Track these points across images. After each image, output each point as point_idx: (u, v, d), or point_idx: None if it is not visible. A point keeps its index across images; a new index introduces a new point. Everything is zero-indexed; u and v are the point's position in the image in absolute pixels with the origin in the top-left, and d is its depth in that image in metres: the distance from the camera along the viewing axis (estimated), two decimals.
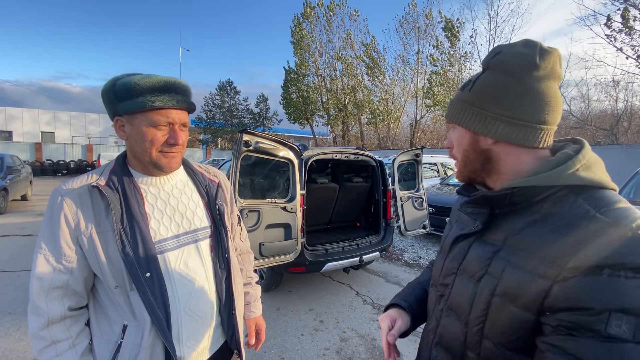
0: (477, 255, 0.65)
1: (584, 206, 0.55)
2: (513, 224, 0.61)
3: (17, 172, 9.38)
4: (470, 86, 0.67)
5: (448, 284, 0.72)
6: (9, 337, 2.83)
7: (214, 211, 1.05)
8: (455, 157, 0.74)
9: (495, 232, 0.64)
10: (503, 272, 0.58)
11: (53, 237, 0.83)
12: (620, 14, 10.73)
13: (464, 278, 0.67)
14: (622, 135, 13.35)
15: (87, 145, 24.92)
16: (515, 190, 0.60)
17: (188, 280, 0.94)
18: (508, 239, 0.60)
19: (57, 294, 0.83)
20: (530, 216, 0.59)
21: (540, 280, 0.52)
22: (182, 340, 0.91)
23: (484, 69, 0.67)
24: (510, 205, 0.62)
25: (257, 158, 2.99)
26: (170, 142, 0.89)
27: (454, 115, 0.71)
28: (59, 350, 0.82)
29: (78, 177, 0.91)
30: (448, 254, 0.75)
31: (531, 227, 0.58)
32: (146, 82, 0.84)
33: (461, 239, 0.71)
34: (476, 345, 0.63)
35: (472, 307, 0.63)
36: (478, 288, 0.62)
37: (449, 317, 0.70)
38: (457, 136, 0.71)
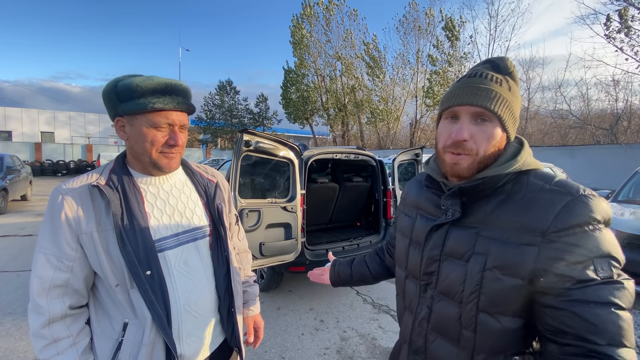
0: (459, 239, 0.72)
1: (537, 182, 0.67)
2: (484, 207, 0.70)
3: (16, 172, 9.38)
4: (507, 86, 0.71)
5: (433, 272, 0.77)
6: (9, 337, 2.83)
7: (212, 210, 1.06)
8: (469, 151, 0.70)
9: (470, 217, 0.72)
10: (489, 248, 0.67)
11: (54, 236, 0.83)
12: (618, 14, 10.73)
13: (451, 262, 0.73)
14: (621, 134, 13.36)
15: (87, 145, 24.93)
16: (486, 179, 0.69)
17: (188, 278, 0.95)
18: (485, 220, 0.69)
19: (57, 293, 0.83)
20: (496, 198, 0.69)
21: (527, 248, 0.62)
22: (182, 338, 0.92)
23: (505, 73, 0.72)
24: (477, 193, 0.71)
25: (257, 158, 2.99)
26: (170, 143, 0.90)
27: (501, 108, 0.69)
28: (59, 348, 0.82)
29: (78, 176, 0.91)
30: (425, 244, 0.79)
31: (501, 207, 0.68)
32: (148, 84, 0.85)
33: (436, 228, 0.77)
34: (471, 320, 0.68)
35: (465, 285, 0.69)
36: (468, 267, 0.69)
37: (441, 302, 0.75)
38: (492, 131, 0.70)
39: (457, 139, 0.70)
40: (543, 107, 19.48)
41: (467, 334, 0.69)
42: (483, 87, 0.69)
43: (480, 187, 0.70)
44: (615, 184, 5.18)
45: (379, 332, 3.06)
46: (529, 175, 0.69)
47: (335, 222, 4.69)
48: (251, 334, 1.26)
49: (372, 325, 3.18)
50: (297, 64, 24.22)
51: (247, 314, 1.25)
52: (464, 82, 0.73)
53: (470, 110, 0.70)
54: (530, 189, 0.66)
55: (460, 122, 0.71)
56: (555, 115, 17.65)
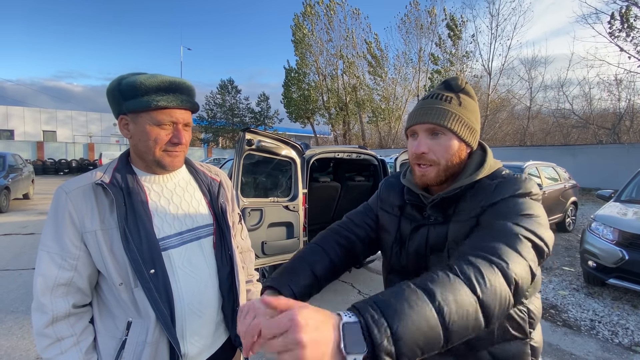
0: (438, 234, 0.84)
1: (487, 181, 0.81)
2: (452, 205, 0.83)
3: (19, 170, 9.40)
4: (457, 102, 0.82)
5: (422, 266, 0.87)
6: (11, 336, 2.83)
7: (216, 209, 1.05)
8: (432, 162, 0.82)
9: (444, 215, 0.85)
10: (448, 229, 0.81)
11: (57, 234, 0.83)
12: (620, 14, 10.68)
13: (437, 256, 0.84)
14: (624, 134, 13.31)
15: (89, 144, 25.00)
16: (461, 188, 0.81)
17: (192, 277, 0.95)
18: (451, 214, 0.83)
19: (61, 291, 0.83)
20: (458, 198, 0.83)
21: (471, 220, 0.77)
22: (186, 337, 0.92)
23: (457, 90, 0.84)
24: (452, 198, 0.83)
25: (259, 157, 2.99)
26: (173, 141, 0.90)
27: (451, 123, 0.80)
28: (63, 347, 0.82)
29: (82, 175, 0.91)
30: (409, 241, 0.90)
31: (461, 202, 0.82)
32: (151, 82, 0.85)
33: (417, 228, 0.88)
34: None
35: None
36: (445, 255, 0.81)
37: None
38: (447, 143, 0.81)
39: (416, 152, 0.83)
40: (545, 107, 19.44)
41: None
42: (434, 107, 0.82)
43: (456, 194, 0.82)
44: (618, 183, 5.16)
45: None
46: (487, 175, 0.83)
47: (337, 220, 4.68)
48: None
49: None
50: (298, 62, 24.21)
51: None
52: (419, 105, 0.86)
53: (424, 128, 0.82)
54: (482, 185, 0.81)
55: (419, 138, 0.84)
56: (558, 114, 17.60)
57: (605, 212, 4.11)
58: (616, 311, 3.45)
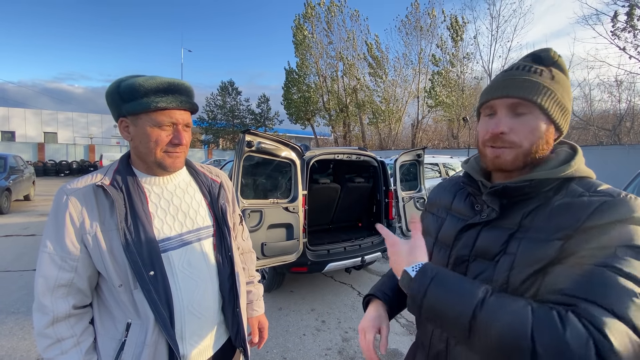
0: (490, 240, 0.69)
1: (579, 189, 0.64)
2: (522, 210, 0.67)
3: (20, 172, 9.41)
4: (549, 75, 0.67)
5: (462, 273, 0.73)
6: (12, 337, 2.84)
7: (216, 210, 1.06)
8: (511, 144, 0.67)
9: (505, 219, 0.69)
10: (518, 248, 0.64)
11: (58, 236, 0.84)
12: (626, 12, 10.68)
13: (479, 263, 0.70)
14: (624, 135, 13.30)
15: (90, 146, 25.03)
16: (533, 182, 0.66)
17: (191, 279, 0.95)
18: (520, 222, 0.66)
19: (62, 292, 0.84)
20: (536, 203, 0.66)
21: (554, 243, 0.60)
22: (185, 338, 0.92)
23: (548, 64, 0.69)
24: (520, 195, 0.68)
25: (259, 158, 3.00)
26: (174, 142, 0.91)
27: (541, 97, 0.65)
28: (63, 348, 0.83)
29: (82, 177, 0.91)
30: (454, 244, 0.76)
31: (537, 210, 0.65)
32: (150, 83, 0.85)
33: (467, 228, 0.75)
34: None
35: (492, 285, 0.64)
36: (496, 267, 0.66)
37: None
38: (534, 122, 0.66)
39: (495, 131, 0.68)
40: None
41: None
42: (520, 78, 0.67)
43: (526, 189, 0.66)
44: (618, 185, 5.14)
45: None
46: (573, 182, 0.66)
47: (337, 222, 4.69)
48: (256, 334, 1.26)
49: None
50: (298, 64, 24.23)
51: (251, 314, 1.26)
52: (500, 76, 0.71)
53: (506, 103, 0.67)
54: (569, 194, 0.64)
55: (498, 116, 0.69)
56: None
57: None
58: None
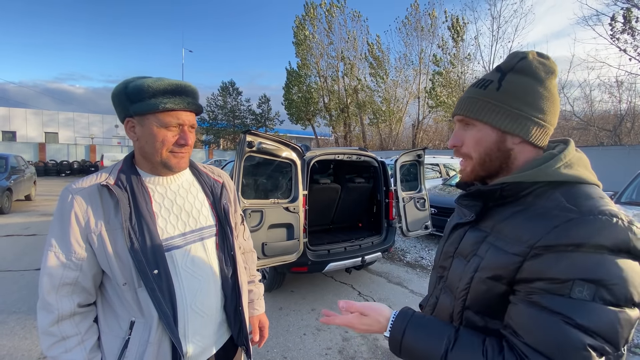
0: (469, 240, 0.74)
1: (559, 198, 0.62)
2: (501, 214, 0.69)
3: (21, 172, 9.43)
4: (496, 85, 0.69)
5: (446, 267, 0.81)
6: (14, 336, 2.85)
7: (219, 210, 1.07)
8: (466, 156, 0.74)
9: (487, 221, 0.72)
10: (486, 253, 0.67)
11: (63, 234, 0.85)
12: (622, 15, 10.68)
13: (459, 260, 0.76)
14: (625, 136, 13.29)
15: (91, 146, 25.05)
16: (505, 185, 0.67)
17: (194, 278, 0.96)
18: (495, 226, 0.69)
19: (66, 291, 0.85)
20: (515, 208, 0.67)
21: (514, 258, 0.61)
22: (188, 337, 0.93)
23: (505, 71, 0.70)
24: (501, 199, 0.69)
25: (260, 158, 3.01)
26: (180, 142, 0.93)
27: (478, 113, 0.69)
28: (68, 346, 0.84)
29: (87, 176, 0.93)
30: (447, 240, 0.83)
31: (513, 216, 0.66)
32: (158, 85, 0.87)
33: (458, 226, 0.80)
34: (459, 315, 0.72)
35: (459, 282, 0.72)
36: (466, 267, 0.71)
37: (444, 294, 0.79)
38: (478, 135, 0.71)
39: (450, 145, 0.76)
40: None
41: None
42: (465, 96, 0.73)
43: (499, 192, 0.68)
44: (619, 185, 5.15)
45: None
46: (557, 189, 0.63)
47: (337, 222, 4.69)
48: (256, 332, 1.27)
49: None
50: (299, 64, 24.22)
51: (252, 313, 1.27)
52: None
53: (457, 119, 0.75)
54: (548, 204, 0.62)
55: (454, 131, 0.77)
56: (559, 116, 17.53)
57: None
58: None
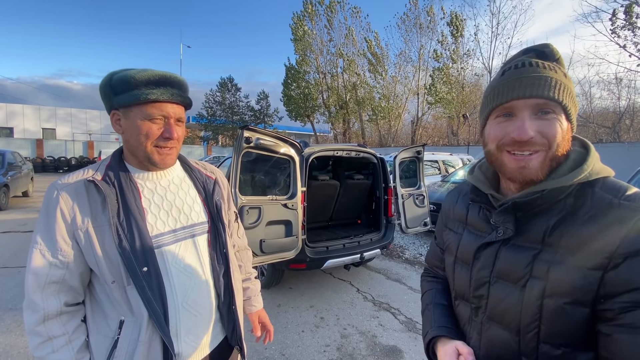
0: (513, 260, 0.64)
1: (605, 196, 0.58)
2: (543, 224, 0.61)
3: (18, 168, 9.39)
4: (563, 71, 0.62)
5: (483, 295, 0.70)
6: (10, 334, 2.83)
7: (211, 207, 1.04)
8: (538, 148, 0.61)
9: (525, 235, 0.63)
10: (548, 273, 0.58)
11: (49, 231, 0.82)
12: (624, 10, 10.64)
13: (503, 285, 0.65)
14: (624, 133, 13.30)
15: (88, 142, 24.96)
16: (545, 192, 0.60)
17: (185, 275, 0.94)
18: (544, 239, 0.60)
19: (53, 289, 0.82)
20: (558, 215, 0.60)
21: (590, 273, 0.54)
22: (180, 336, 0.91)
23: (553, 60, 0.63)
24: (533, 208, 0.62)
25: (258, 155, 2.98)
26: (165, 135, 0.89)
27: (565, 96, 0.60)
28: (55, 346, 0.81)
29: (74, 172, 0.90)
30: (473, 264, 0.72)
31: (563, 225, 0.59)
32: (142, 76, 0.84)
33: (484, 246, 0.70)
34: (532, 351, 0.61)
35: (522, 313, 0.61)
36: (525, 293, 0.61)
37: (492, 329, 0.68)
38: (556, 123, 0.60)
39: (521, 138, 0.60)
40: None
41: None
42: (541, 75, 0.60)
43: (538, 201, 0.61)
44: None
45: (380, 329, 3.05)
46: (594, 186, 0.60)
47: (335, 219, 4.68)
48: (257, 328, 1.26)
49: (372, 323, 3.17)
50: (298, 61, 24.12)
51: (250, 310, 1.25)
52: (513, 74, 0.62)
53: (530, 103, 0.60)
54: (596, 204, 0.58)
55: (519, 119, 0.61)
56: None
57: None
58: None
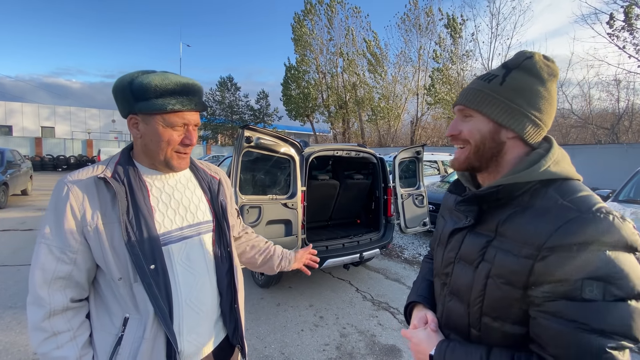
0: (472, 245, 0.75)
1: (555, 196, 0.65)
2: (499, 216, 0.70)
3: (17, 166, 9.37)
4: (500, 80, 0.72)
5: (448, 273, 0.82)
6: (10, 331, 2.84)
7: (216, 206, 1.06)
8: (464, 142, 0.76)
9: (486, 225, 0.73)
10: (495, 258, 0.68)
11: (58, 227, 0.82)
12: (623, 11, 10.67)
13: (462, 265, 0.77)
14: (623, 134, 13.33)
15: (87, 141, 24.88)
16: (500, 187, 0.69)
17: (190, 273, 0.95)
18: (497, 229, 0.70)
19: (59, 285, 0.83)
20: (513, 209, 0.69)
21: (524, 261, 0.63)
22: (182, 334, 0.92)
23: (511, 67, 0.72)
24: (495, 201, 0.71)
25: (258, 154, 2.99)
26: (185, 142, 0.92)
27: (478, 104, 0.73)
28: (59, 342, 0.82)
29: (84, 168, 0.91)
30: (446, 246, 0.84)
31: (514, 218, 0.68)
32: (166, 85, 0.85)
33: (456, 232, 0.81)
34: (477, 322, 0.73)
35: (472, 290, 0.73)
36: (476, 273, 0.72)
37: (452, 301, 0.80)
38: (475, 124, 0.74)
39: (448, 133, 0.80)
40: None
41: (474, 332, 0.74)
42: (468, 87, 0.76)
43: (495, 195, 0.70)
44: (616, 183, 5.17)
45: (379, 328, 3.07)
46: (550, 187, 0.67)
47: (335, 219, 4.69)
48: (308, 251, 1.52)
49: (371, 322, 3.19)
50: (298, 60, 24.10)
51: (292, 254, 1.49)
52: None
53: (457, 109, 0.79)
54: (544, 203, 0.65)
55: (454, 120, 0.80)
56: (557, 114, 17.55)
57: None
58: None
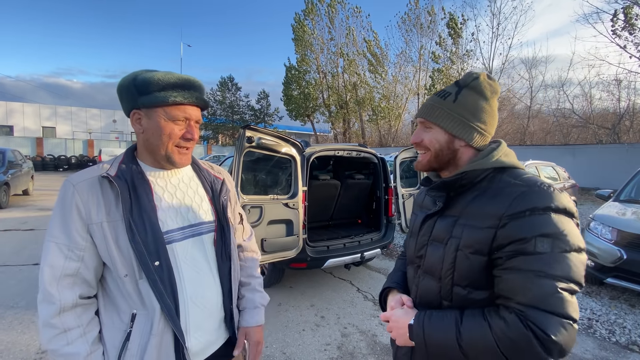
0: (442, 226, 0.87)
1: (507, 179, 0.80)
2: (463, 200, 0.84)
3: (18, 166, 9.39)
4: (453, 98, 0.87)
5: (422, 255, 0.92)
6: (11, 331, 2.84)
7: (218, 206, 1.06)
8: (425, 149, 0.91)
9: (454, 209, 0.86)
10: (462, 233, 0.81)
11: (65, 225, 0.84)
12: (623, 11, 10.67)
13: (434, 245, 0.88)
14: (624, 134, 13.32)
15: (88, 141, 24.93)
16: (463, 174, 0.83)
17: (194, 271, 0.96)
18: (462, 210, 0.83)
19: (68, 282, 0.84)
20: (474, 193, 0.83)
21: (487, 230, 0.75)
22: (189, 330, 0.93)
23: (462, 86, 0.87)
24: (460, 187, 0.85)
25: (259, 154, 3.00)
26: (186, 136, 0.94)
27: (436, 118, 0.88)
28: (69, 338, 0.83)
29: (89, 168, 0.93)
30: (419, 233, 0.95)
31: (476, 200, 0.82)
32: (169, 79, 0.88)
33: (428, 218, 0.93)
34: (448, 293, 0.83)
35: (443, 264, 0.84)
36: (446, 248, 0.83)
37: (425, 279, 0.90)
38: (434, 135, 0.89)
39: (412, 141, 0.95)
40: (545, 106, 19.44)
41: (445, 304, 0.84)
42: (427, 103, 0.91)
43: (459, 181, 0.84)
44: (617, 183, 5.17)
45: (380, 328, 3.07)
46: (503, 173, 0.82)
47: (336, 219, 4.70)
48: (240, 345, 1.08)
49: (372, 322, 3.19)
50: (298, 60, 24.13)
51: (241, 323, 1.10)
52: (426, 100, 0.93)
53: (419, 121, 0.93)
54: (499, 185, 0.80)
55: (416, 130, 0.94)
56: (558, 114, 17.59)
57: (604, 211, 4.12)
58: (613, 310, 3.47)
